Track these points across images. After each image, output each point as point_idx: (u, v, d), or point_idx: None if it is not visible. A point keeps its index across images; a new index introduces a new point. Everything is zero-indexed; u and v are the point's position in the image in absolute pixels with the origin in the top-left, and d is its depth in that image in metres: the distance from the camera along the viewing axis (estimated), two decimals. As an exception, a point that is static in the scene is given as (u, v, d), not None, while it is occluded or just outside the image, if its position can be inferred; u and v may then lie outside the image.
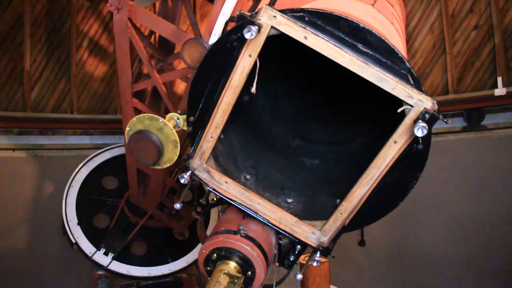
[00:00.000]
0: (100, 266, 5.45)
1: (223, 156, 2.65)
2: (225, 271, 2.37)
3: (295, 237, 2.58)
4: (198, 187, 5.40)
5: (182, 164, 2.62)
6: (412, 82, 2.17)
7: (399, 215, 3.00)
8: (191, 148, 2.57)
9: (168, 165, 2.96)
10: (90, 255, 5.41)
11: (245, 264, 2.43)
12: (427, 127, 2.09)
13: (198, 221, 3.04)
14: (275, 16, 2.18)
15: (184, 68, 4.45)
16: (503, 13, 6.52)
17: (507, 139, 6.49)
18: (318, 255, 2.55)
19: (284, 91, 3.33)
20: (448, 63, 6.78)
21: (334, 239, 2.55)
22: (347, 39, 2.17)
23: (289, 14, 2.19)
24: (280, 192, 2.77)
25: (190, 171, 2.54)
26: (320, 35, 2.17)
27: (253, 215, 2.58)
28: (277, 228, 2.59)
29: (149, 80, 4.60)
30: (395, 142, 2.24)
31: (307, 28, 2.17)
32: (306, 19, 2.19)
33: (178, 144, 2.86)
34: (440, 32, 6.81)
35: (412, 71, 2.19)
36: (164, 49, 5.15)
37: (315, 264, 2.57)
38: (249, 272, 2.44)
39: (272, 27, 2.19)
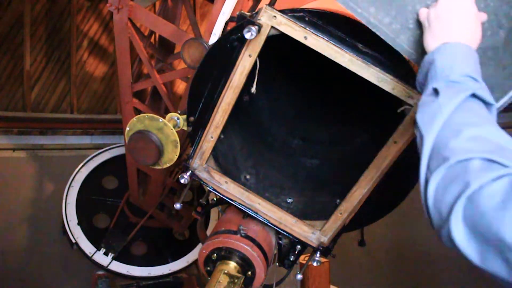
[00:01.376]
0: (100, 266, 5.44)
1: (223, 156, 2.65)
2: (225, 271, 2.36)
3: (295, 237, 2.58)
4: (198, 187, 5.39)
5: (182, 164, 2.61)
6: (412, 82, 2.16)
7: (399, 215, 2.99)
8: (191, 148, 2.57)
9: (168, 165, 2.96)
10: (90, 255, 5.40)
11: (245, 264, 2.43)
12: (427, 127, 2.08)
13: (198, 221, 3.04)
14: (275, 16, 2.17)
15: (184, 68, 4.45)
16: (503, 13, 6.50)
17: (507, 139, 6.48)
18: (318, 255, 2.54)
19: (284, 91, 3.33)
20: (448, 63, 6.76)
21: (334, 239, 2.55)
22: (347, 39, 2.17)
23: (289, 14, 2.18)
24: (280, 192, 2.76)
25: (190, 171, 2.54)
26: (320, 35, 2.16)
27: (253, 215, 2.58)
28: (277, 228, 2.58)
29: (149, 80, 4.59)
30: (395, 142, 2.24)
31: (307, 28, 2.17)
32: (306, 19, 2.18)
33: (178, 144, 2.86)
34: (440, 32, 6.80)
35: (413, 71, 2.19)
36: (164, 49, 5.14)
37: (315, 264, 2.57)
38: (249, 272, 2.43)
39: (272, 27, 2.19)
